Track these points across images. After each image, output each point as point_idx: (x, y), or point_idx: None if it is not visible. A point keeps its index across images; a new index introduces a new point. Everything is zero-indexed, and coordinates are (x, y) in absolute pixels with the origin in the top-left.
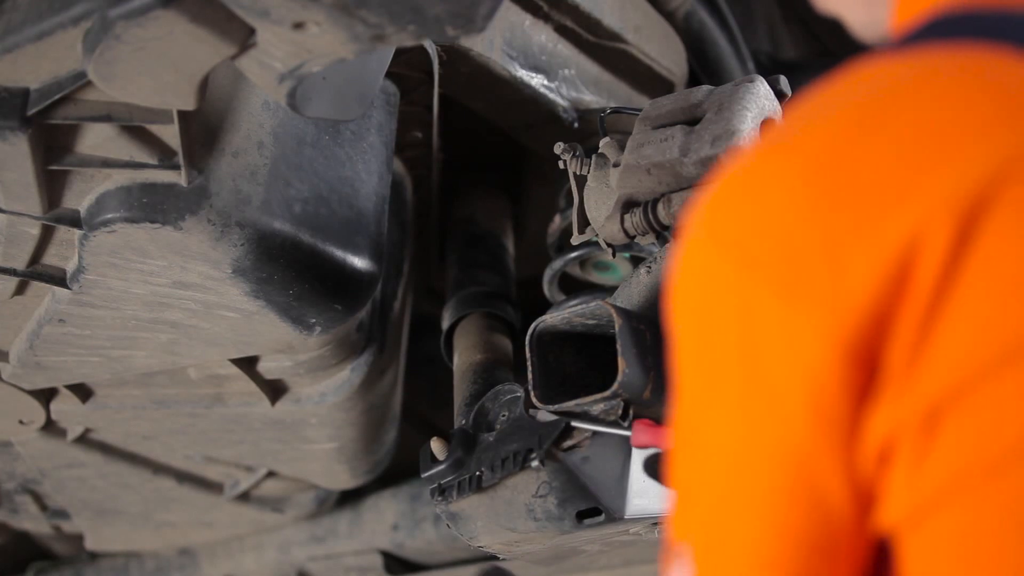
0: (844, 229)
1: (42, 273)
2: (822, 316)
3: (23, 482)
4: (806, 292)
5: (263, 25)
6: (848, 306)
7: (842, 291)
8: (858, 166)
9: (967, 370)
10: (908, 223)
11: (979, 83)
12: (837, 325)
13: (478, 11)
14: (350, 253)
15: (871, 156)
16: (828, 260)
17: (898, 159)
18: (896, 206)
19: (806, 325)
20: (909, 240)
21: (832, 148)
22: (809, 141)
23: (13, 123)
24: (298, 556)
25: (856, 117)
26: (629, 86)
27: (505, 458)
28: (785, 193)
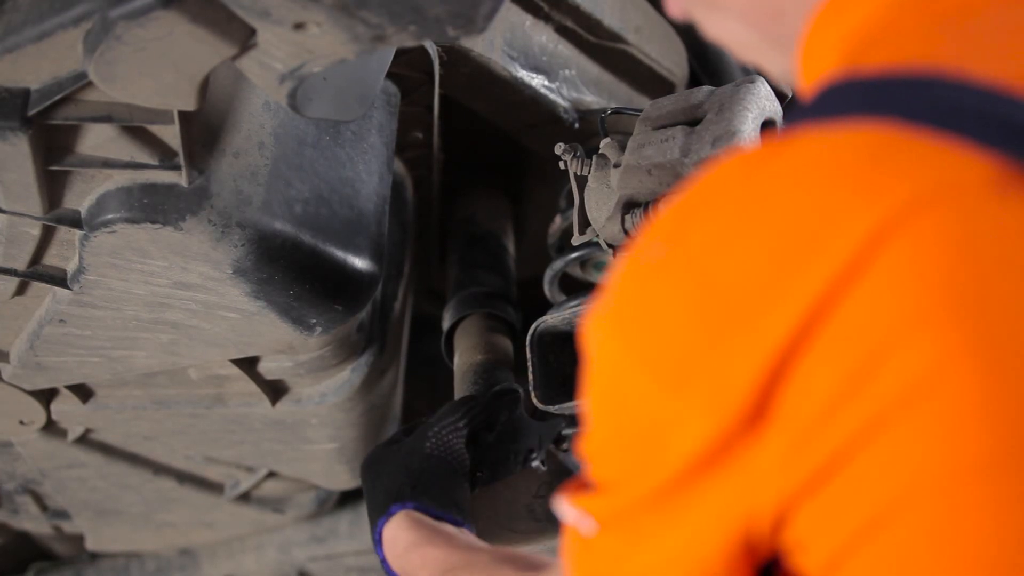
0: (722, 331)
1: (43, 273)
2: (703, 412)
3: (23, 482)
4: (694, 388)
5: (264, 26)
6: (730, 402)
7: (724, 390)
8: (735, 268)
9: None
10: (781, 325)
11: (843, 163)
12: (719, 415)
13: (479, 12)
14: (351, 254)
15: (747, 257)
16: (708, 359)
17: (767, 260)
18: (768, 309)
19: (693, 414)
20: (785, 339)
21: (712, 248)
22: (693, 240)
23: (14, 123)
24: (299, 556)
25: (734, 214)
26: (630, 87)
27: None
28: (672, 289)
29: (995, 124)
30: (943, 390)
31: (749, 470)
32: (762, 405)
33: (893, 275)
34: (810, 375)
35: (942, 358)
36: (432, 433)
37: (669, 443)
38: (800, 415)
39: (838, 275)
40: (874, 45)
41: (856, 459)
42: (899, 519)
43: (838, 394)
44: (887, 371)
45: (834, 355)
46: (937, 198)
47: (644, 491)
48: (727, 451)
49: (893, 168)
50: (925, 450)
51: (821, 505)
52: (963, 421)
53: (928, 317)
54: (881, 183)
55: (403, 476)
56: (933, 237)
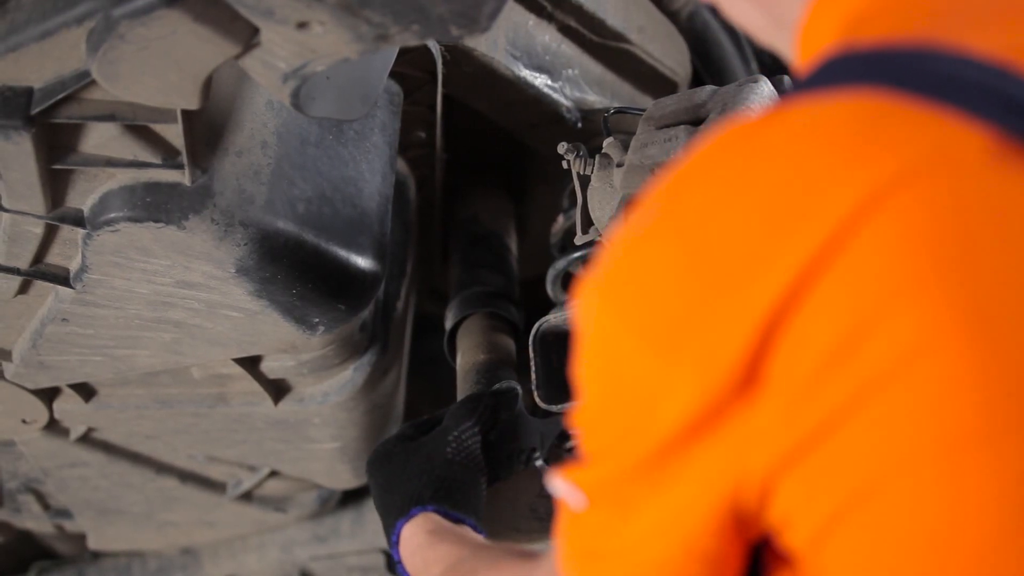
0: (712, 296)
1: (45, 272)
2: (693, 377)
3: (26, 481)
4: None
5: (267, 25)
6: (719, 368)
7: (713, 355)
8: (725, 233)
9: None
10: (771, 289)
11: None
12: (709, 379)
13: (482, 11)
14: (353, 253)
15: (737, 223)
16: (698, 324)
17: (758, 224)
18: (758, 273)
19: (683, 379)
20: (775, 303)
21: (704, 215)
22: (685, 207)
23: (17, 122)
24: (301, 556)
25: (725, 182)
26: (633, 86)
27: (508, 457)
28: (662, 255)
29: (990, 96)
30: (932, 359)
31: (737, 436)
32: (753, 370)
33: (882, 242)
34: (799, 341)
35: (931, 327)
36: (453, 438)
37: (659, 408)
38: (789, 381)
39: (827, 240)
40: (872, 20)
41: (844, 428)
42: (888, 490)
43: (827, 361)
44: (876, 339)
45: (823, 321)
46: (929, 167)
47: (632, 460)
48: (717, 417)
49: (885, 136)
50: (915, 419)
51: (807, 474)
52: (953, 390)
53: (917, 285)
54: (872, 151)
55: (425, 480)
56: (923, 206)
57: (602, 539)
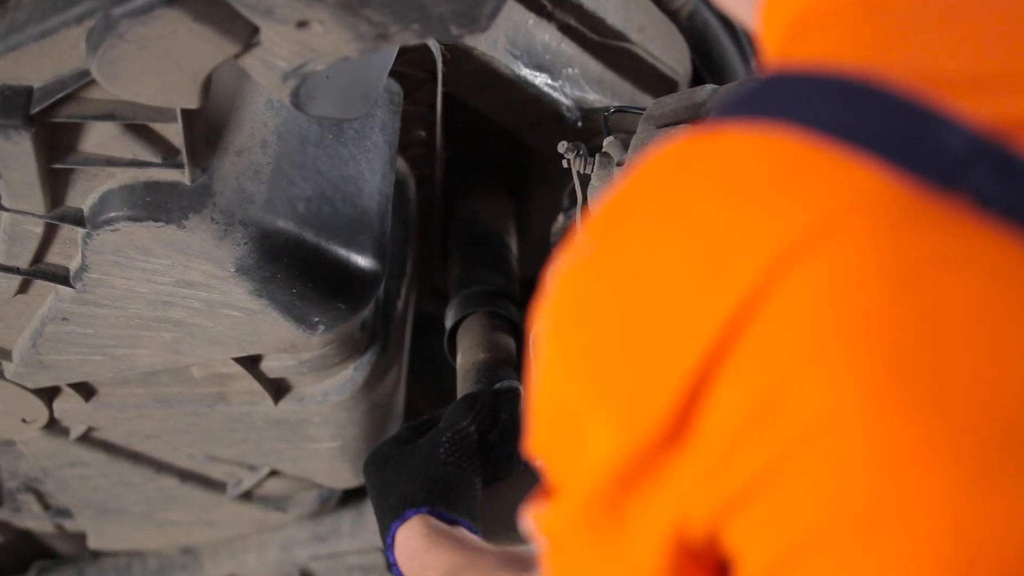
0: (642, 344)
1: (45, 272)
2: (623, 424)
3: (26, 481)
4: (608, 398)
5: (267, 24)
6: (649, 415)
7: (643, 403)
8: (651, 281)
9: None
10: (696, 346)
11: (757, 181)
12: (638, 427)
13: (482, 10)
14: (353, 252)
15: (662, 272)
16: (629, 371)
17: (683, 274)
18: (685, 326)
19: (613, 425)
20: (701, 359)
21: (630, 257)
22: (614, 246)
23: (16, 121)
24: (301, 555)
25: (650, 223)
26: (633, 85)
27: (508, 458)
28: (597, 295)
29: (907, 140)
30: (835, 436)
31: (672, 485)
32: (682, 422)
33: (793, 305)
34: (726, 397)
35: (834, 402)
36: (447, 439)
37: (592, 452)
38: (718, 436)
39: (745, 299)
40: (806, 34)
41: (770, 489)
42: (814, 554)
43: (750, 421)
44: (790, 405)
45: (744, 381)
46: (844, 221)
47: (575, 502)
48: (649, 465)
49: (802, 186)
50: (827, 490)
51: (748, 524)
52: (850, 473)
53: (825, 353)
54: (788, 203)
55: (419, 482)
56: (832, 266)
57: None
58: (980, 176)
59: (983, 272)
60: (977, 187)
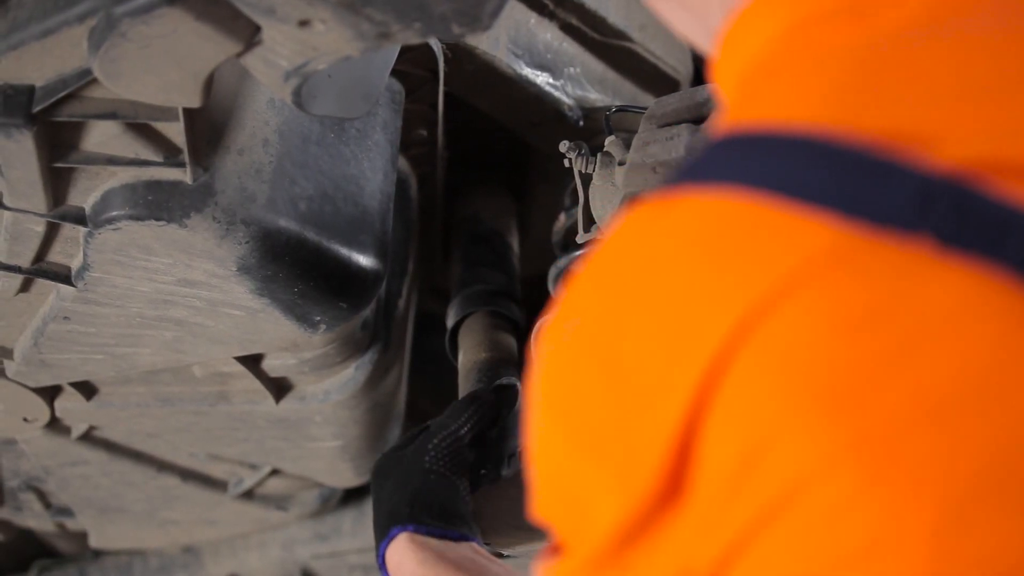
0: (626, 412)
1: (47, 271)
2: (619, 488)
3: (27, 480)
4: (608, 464)
5: (269, 23)
6: (642, 479)
7: (634, 467)
8: (625, 348)
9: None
10: (676, 407)
11: (714, 246)
12: (633, 490)
13: (484, 9)
14: (355, 251)
15: (636, 339)
16: (618, 437)
17: (651, 343)
18: (659, 393)
19: (609, 489)
20: (682, 420)
21: (609, 325)
22: (594, 314)
23: (18, 120)
24: (302, 554)
25: (625, 290)
26: (634, 84)
27: (510, 455)
28: (581, 367)
29: (862, 192)
30: (820, 489)
31: (673, 540)
32: (675, 480)
33: (760, 367)
34: (711, 454)
35: (815, 456)
36: (432, 446)
37: (593, 515)
38: (710, 490)
39: (714, 361)
40: (755, 92)
41: (760, 538)
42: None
43: (737, 475)
44: (768, 464)
45: (723, 442)
46: (802, 277)
47: (579, 561)
48: (649, 524)
49: (760, 246)
50: (810, 546)
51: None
52: (841, 520)
53: (797, 412)
54: (748, 263)
55: (401, 495)
56: (797, 321)
57: None
58: (938, 217)
59: (947, 309)
60: (936, 228)
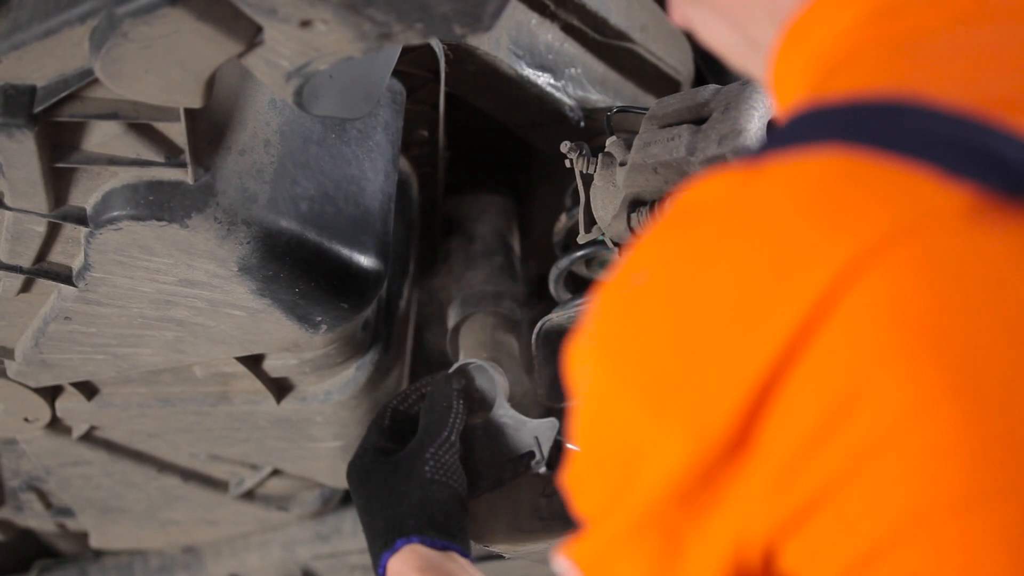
0: (703, 359)
1: (48, 271)
2: (685, 437)
3: (28, 480)
4: (669, 412)
5: (270, 23)
6: (710, 429)
7: (704, 416)
8: (712, 297)
9: (830, 474)
10: (760, 358)
11: (812, 197)
12: (699, 440)
13: (485, 9)
14: (356, 251)
15: (725, 288)
16: (690, 386)
17: (744, 292)
18: (747, 341)
19: (673, 438)
20: (764, 371)
21: (693, 277)
22: (675, 268)
23: (20, 120)
24: (303, 554)
25: (712, 244)
26: (635, 85)
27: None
28: (654, 315)
29: (968, 151)
30: (919, 431)
31: (732, 502)
32: (743, 434)
33: (864, 310)
34: (790, 409)
35: (916, 398)
36: (430, 455)
37: (650, 468)
38: (781, 449)
39: (811, 310)
40: (838, 72)
41: (839, 497)
42: (884, 560)
43: (817, 431)
44: (863, 409)
45: (811, 390)
46: (909, 231)
47: (622, 526)
48: (708, 481)
49: (864, 200)
50: (905, 491)
51: (809, 540)
52: (940, 460)
53: (900, 356)
54: (852, 215)
55: (405, 506)
56: (903, 273)
57: None
58: None
59: None
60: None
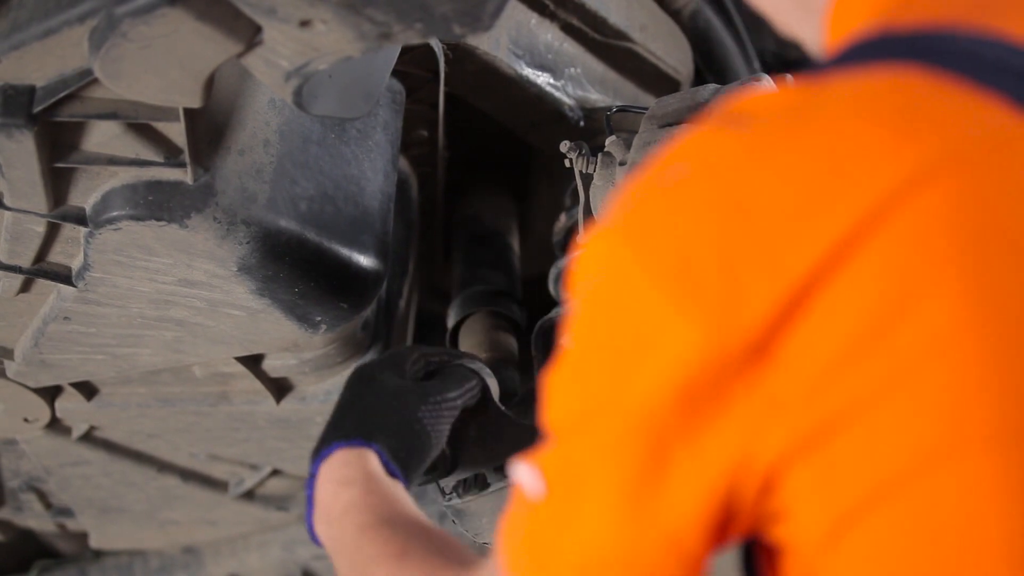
0: (743, 253)
1: (47, 271)
2: (706, 328)
3: (28, 480)
4: (694, 300)
5: (269, 23)
6: (736, 325)
7: (732, 310)
8: (762, 192)
9: (859, 393)
10: (806, 258)
11: (882, 105)
12: (720, 333)
13: (485, 9)
14: (356, 251)
15: (776, 187)
16: (723, 278)
17: (799, 189)
18: (794, 239)
19: (691, 326)
20: (807, 274)
21: (742, 173)
22: (723, 159)
23: (19, 120)
24: (303, 554)
25: (766, 143)
26: (635, 85)
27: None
28: (693, 204)
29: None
30: (949, 358)
31: (740, 415)
32: (769, 338)
33: (927, 223)
34: (826, 318)
35: (950, 325)
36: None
37: (656, 358)
38: (810, 360)
39: (869, 214)
40: (906, 7)
41: (864, 419)
42: (906, 490)
43: (853, 344)
44: (904, 327)
45: (854, 301)
46: (973, 150)
47: (608, 431)
48: (718, 385)
49: (936, 114)
50: (930, 419)
51: (822, 465)
52: (968, 392)
53: (940, 281)
54: (914, 130)
55: (381, 420)
56: (964, 191)
57: (556, 533)
58: None
59: None
60: None
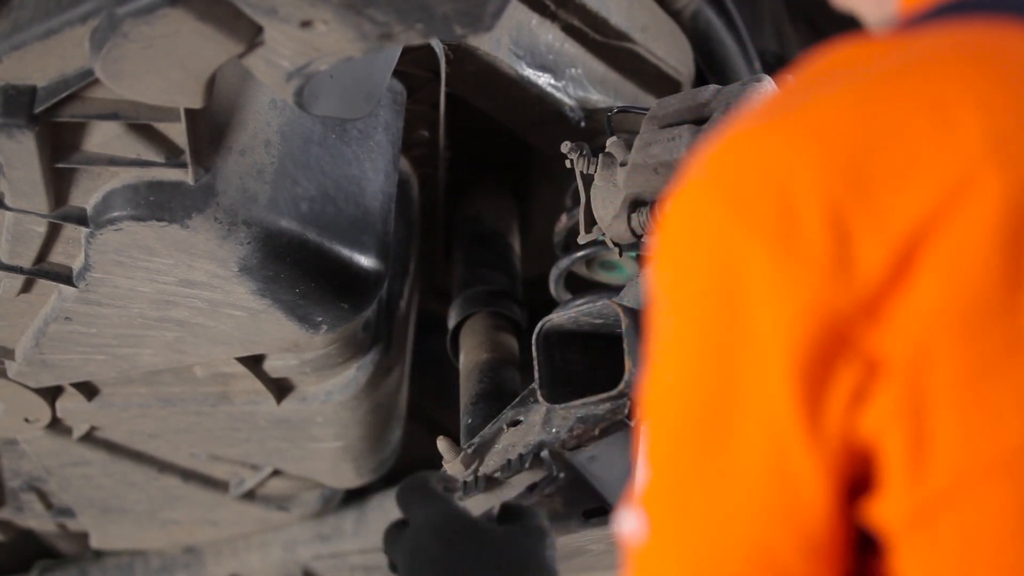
0: (851, 205)
1: (48, 271)
2: (815, 285)
3: (28, 480)
4: (800, 255)
5: (270, 23)
6: (849, 284)
7: (844, 267)
8: (867, 145)
9: (966, 369)
10: (915, 209)
11: (979, 59)
12: (830, 298)
13: (486, 10)
14: (357, 252)
15: (881, 135)
16: (831, 232)
17: (907, 139)
18: (904, 191)
19: (795, 287)
20: (915, 227)
21: (842, 121)
22: (820, 109)
23: (20, 121)
24: (303, 555)
25: (866, 94)
26: (636, 85)
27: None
28: (794, 154)
29: None
30: None
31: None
32: (879, 300)
33: None
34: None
35: None
36: None
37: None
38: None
39: (969, 170)
40: None
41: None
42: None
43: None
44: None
45: (961, 262)
46: None
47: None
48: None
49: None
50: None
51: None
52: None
53: None
54: (1014, 81)
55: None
56: None
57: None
58: None
59: None
60: None
